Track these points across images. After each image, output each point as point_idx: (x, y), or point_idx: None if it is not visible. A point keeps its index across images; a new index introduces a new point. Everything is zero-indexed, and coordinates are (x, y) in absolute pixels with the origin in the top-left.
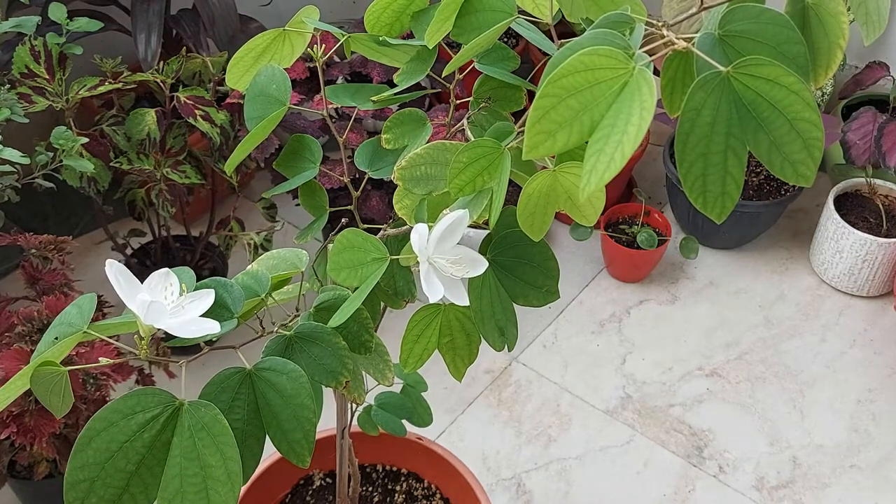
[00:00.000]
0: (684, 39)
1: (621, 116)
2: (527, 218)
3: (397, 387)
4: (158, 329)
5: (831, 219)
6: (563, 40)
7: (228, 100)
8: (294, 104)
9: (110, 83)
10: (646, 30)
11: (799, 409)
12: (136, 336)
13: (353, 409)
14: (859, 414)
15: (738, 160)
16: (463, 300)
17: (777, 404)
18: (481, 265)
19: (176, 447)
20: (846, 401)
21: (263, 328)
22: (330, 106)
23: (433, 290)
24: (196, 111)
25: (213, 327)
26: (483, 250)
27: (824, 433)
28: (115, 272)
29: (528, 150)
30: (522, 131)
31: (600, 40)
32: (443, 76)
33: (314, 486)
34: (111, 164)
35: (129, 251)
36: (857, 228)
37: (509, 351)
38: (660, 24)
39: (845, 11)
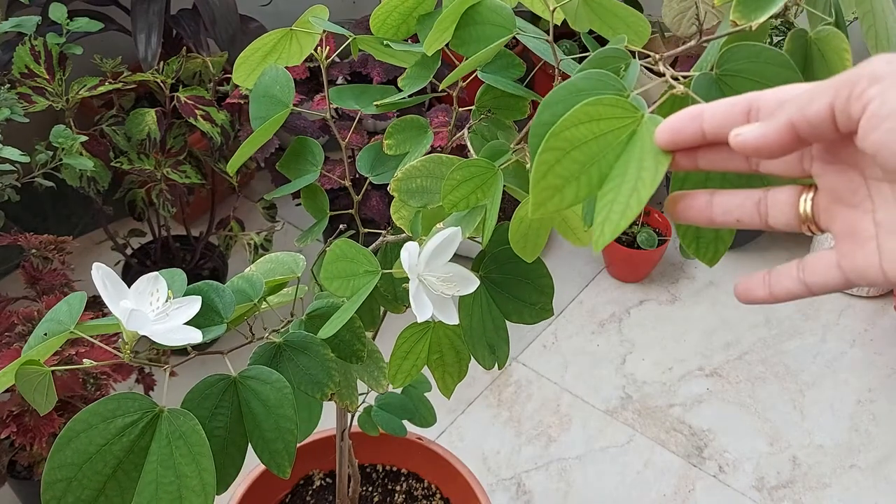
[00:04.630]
0: (682, 76)
1: (632, 164)
2: (519, 240)
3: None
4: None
5: None
6: (563, 43)
7: (229, 100)
8: (295, 104)
9: (110, 83)
10: (641, 60)
11: (799, 409)
12: (120, 340)
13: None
14: (859, 414)
15: None
16: (452, 319)
17: (777, 404)
18: (472, 283)
19: (153, 454)
20: (846, 401)
21: (253, 334)
22: (332, 106)
23: (422, 308)
24: (196, 111)
25: (195, 336)
26: (475, 267)
27: (824, 433)
28: (102, 276)
29: (535, 208)
30: (518, 149)
31: (595, 82)
32: (442, 88)
33: (314, 486)
34: (111, 164)
35: (129, 251)
36: None
37: (500, 368)
38: (657, 57)
39: (848, 48)
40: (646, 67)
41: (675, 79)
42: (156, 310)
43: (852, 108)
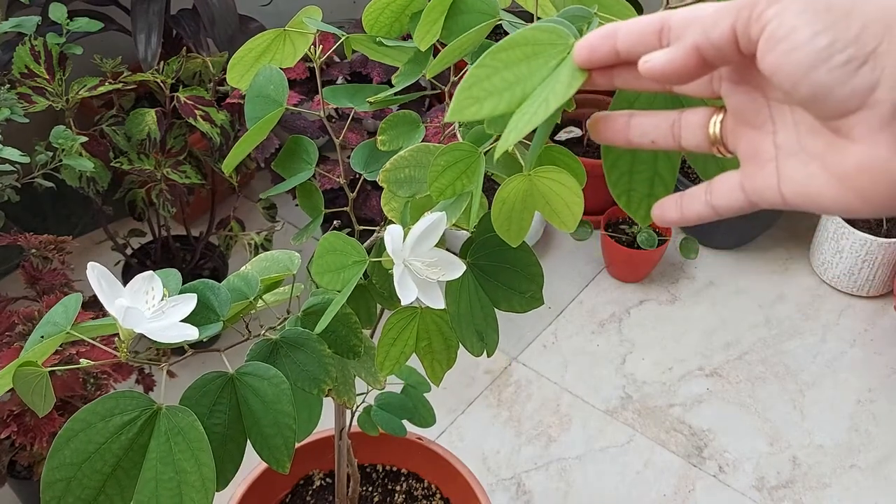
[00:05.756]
0: None
1: (550, 83)
2: (502, 223)
3: (398, 386)
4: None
5: (831, 219)
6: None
7: (228, 100)
8: (294, 104)
9: (110, 83)
10: None
11: (799, 409)
12: (116, 338)
13: (352, 409)
14: (859, 414)
15: (670, 162)
16: (438, 303)
17: (777, 404)
18: (458, 268)
19: (152, 451)
20: (846, 401)
21: (250, 332)
22: (329, 106)
23: (406, 292)
24: (196, 111)
25: (191, 333)
26: (463, 254)
27: (824, 433)
28: (97, 275)
29: (452, 113)
30: (500, 136)
31: (548, 27)
32: (428, 79)
33: (314, 486)
34: (111, 164)
35: (129, 251)
36: (857, 228)
37: (488, 356)
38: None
39: None
40: None
41: None
42: (152, 308)
43: (752, 30)
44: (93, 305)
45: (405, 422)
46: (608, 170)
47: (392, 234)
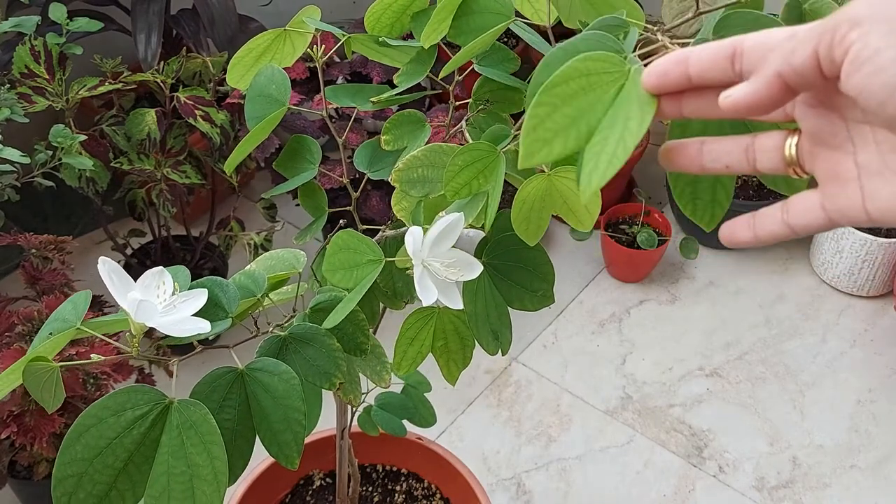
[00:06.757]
0: (679, 44)
1: (619, 117)
2: (521, 222)
3: (398, 386)
4: (151, 327)
5: None
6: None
7: (228, 100)
8: (294, 104)
9: (110, 83)
10: (641, 34)
11: (799, 409)
12: (127, 334)
13: (354, 409)
14: (859, 414)
15: None
16: (457, 304)
17: (777, 404)
18: (476, 269)
19: (164, 445)
20: (846, 401)
21: (258, 328)
22: (330, 106)
23: (427, 293)
24: (196, 111)
25: (204, 327)
26: (478, 254)
27: (824, 433)
28: (108, 270)
29: (524, 159)
30: (519, 134)
31: (593, 43)
32: (440, 79)
33: (314, 486)
34: (111, 164)
35: (129, 251)
36: (857, 228)
37: (503, 355)
38: (655, 28)
39: None
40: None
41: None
42: (163, 302)
43: (835, 53)
44: (92, 306)
45: (405, 422)
46: (673, 182)
47: (414, 235)
